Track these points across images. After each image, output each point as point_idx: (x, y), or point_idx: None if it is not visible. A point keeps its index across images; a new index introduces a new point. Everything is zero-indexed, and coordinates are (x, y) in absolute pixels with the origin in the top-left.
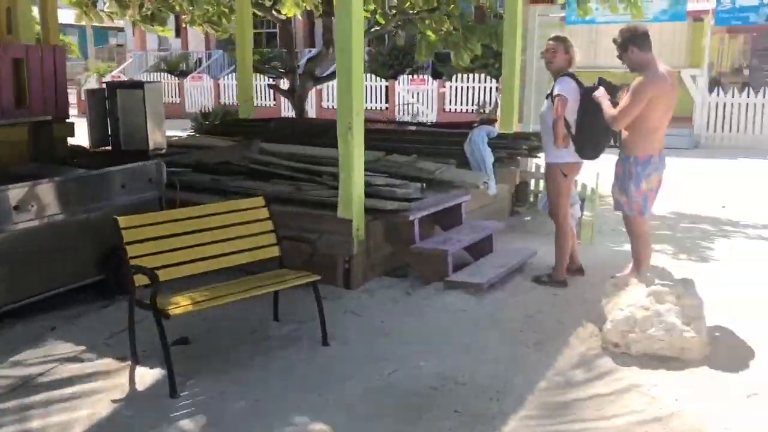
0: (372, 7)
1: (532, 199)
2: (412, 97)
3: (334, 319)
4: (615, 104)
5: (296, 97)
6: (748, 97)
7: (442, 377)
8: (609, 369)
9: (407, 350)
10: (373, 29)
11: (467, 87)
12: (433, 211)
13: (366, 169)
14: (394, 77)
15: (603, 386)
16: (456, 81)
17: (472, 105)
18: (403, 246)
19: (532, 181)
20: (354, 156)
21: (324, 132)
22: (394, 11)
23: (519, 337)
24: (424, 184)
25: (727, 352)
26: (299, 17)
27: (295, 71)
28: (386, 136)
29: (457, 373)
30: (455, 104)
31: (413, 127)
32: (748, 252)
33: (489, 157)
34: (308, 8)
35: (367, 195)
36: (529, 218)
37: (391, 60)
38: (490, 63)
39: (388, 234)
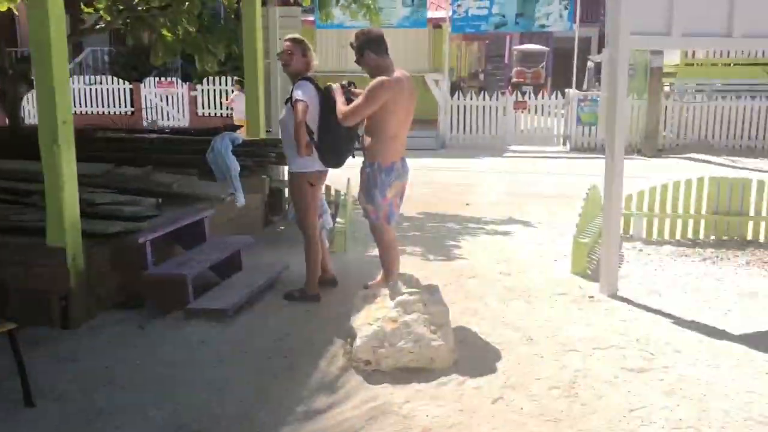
0: (102, 4)
1: (287, 208)
2: (161, 100)
3: (46, 369)
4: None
5: (7, 102)
6: (485, 100)
7: (175, 428)
8: (360, 390)
9: (136, 399)
10: (98, 26)
11: (220, 90)
12: (169, 230)
13: (89, 185)
14: (140, 80)
15: (353, 410)
16: (208, 84)
17: (227, 109)
18: (134, 273)
19: (286, 190)
20: (63, 172)
21: None
22: (121, 7)
23: (267, 365)
24: (161, 200)
25: (474, 356)
26: (15, 12)
27: (6, 72)
28: (119, 146)
29: (194, 421)
30: (209, 108)
31: (153, 134)
32: (490, 248)
33: (234, 166)
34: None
35: (88, 216)
36: (284, 228)
37: (135, 61)
38: (242, 66)
39: (115, 260)
